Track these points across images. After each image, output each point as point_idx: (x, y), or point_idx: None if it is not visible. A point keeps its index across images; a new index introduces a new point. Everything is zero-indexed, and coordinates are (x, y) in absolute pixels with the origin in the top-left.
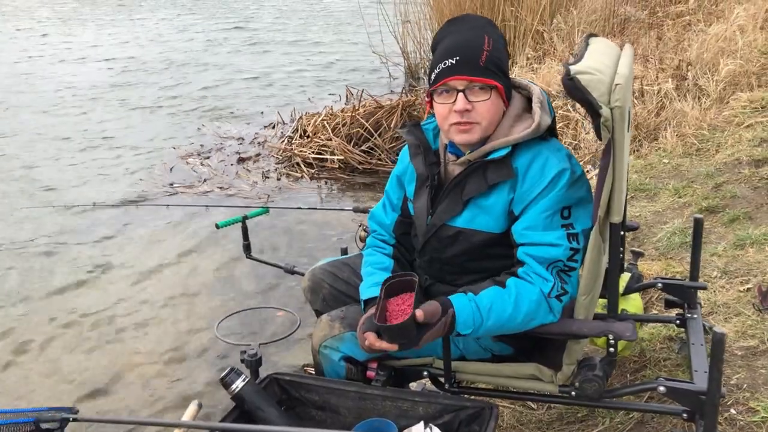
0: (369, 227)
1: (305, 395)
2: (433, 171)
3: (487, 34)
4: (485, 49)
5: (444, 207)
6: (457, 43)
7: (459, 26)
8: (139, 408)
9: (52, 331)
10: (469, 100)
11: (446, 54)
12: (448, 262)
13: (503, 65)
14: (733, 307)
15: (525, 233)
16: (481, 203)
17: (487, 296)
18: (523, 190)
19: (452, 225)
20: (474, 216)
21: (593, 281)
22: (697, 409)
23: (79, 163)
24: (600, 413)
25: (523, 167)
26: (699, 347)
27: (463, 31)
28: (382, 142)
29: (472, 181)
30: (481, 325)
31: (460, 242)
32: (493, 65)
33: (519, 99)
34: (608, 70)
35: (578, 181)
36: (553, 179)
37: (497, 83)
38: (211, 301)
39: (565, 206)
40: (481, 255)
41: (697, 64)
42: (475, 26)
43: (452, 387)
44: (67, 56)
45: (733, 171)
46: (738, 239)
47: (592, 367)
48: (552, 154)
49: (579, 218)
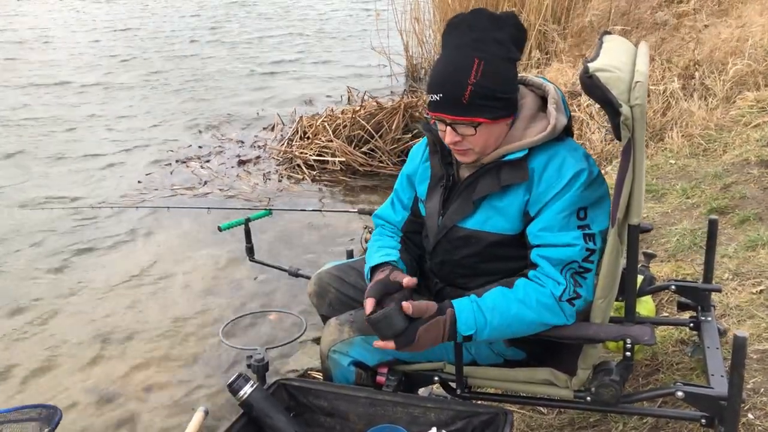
0: (374, 225)
1: (314, 401)
2: (449, 171)
3: (479, 54)
4: (469, 83)
5: (455, 208)
6: (441, 74)
7: (451, 40)
8: (143, 414)
9: (52, 335)
10: (458, 132)
11: (432, 86)
12: (460, 264)
13: (496, 91)
14: (746, 310)
15: (540, 234)
16: (495, 204)
17: (491, 296)
18: (539, 191)
19: (463, 227)
20: (487, 218)
21: (610, 284)
22: (717, 414)
23: (77, 165)
24: (613, 418)
25: (540, 168)
26: (714, 351)
27: (451, 54)
28: (383, 144)
29: (483, 181)
30: (485, 326)
31: (472, 244)
32: (480, 98)
33: (533, 99)
34: (626, 67)
35: (595, 182)
36: (571, 180)
37: (483, 119)
38: (215, 304)
39: (581, 207)
40: (493, 257)
41: (704, 63)
42: (465, 41)
43: (464, 392)
44: (67, 56)
45: (742, 171)
46: (749, 241)
47: (608, 371)
48: (569, 154)
49: (596, 219)
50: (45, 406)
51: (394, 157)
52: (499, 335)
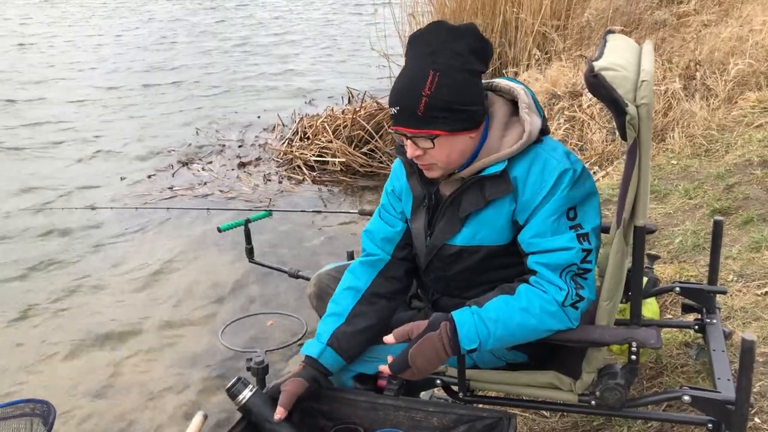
0: (361, 245)
1: (314, 405)
2: (430, 190)
3: (434, 66)
4: (424, 95)
5: (442, 227)
6: (398, 87)
7: (411, 54)
8: (141, 418)
9: (51, 336)
10: (419, 146)
11: (391, 100)
12: (455, 279)
13: (452, 103)
14: (751, 312)
15: (533, 242)
16: (480, 218)
17: (493, 307)
18: (525, 199)
19: (453, 244)
20: (475, 232)
21: (616, 286)
22: (724, 419)
23: (78, 166)
24: (617, 422)
25: (522, 176)
26: (720, 354)
27: (409, 67)
28: (383, 145)
29: (468, 197)
30: (488, 337)
31: (464, 260)
32: (435, 110)
33: (503, 105)
34: (632, 66)
35: (580, 179)
36: (555, 182)
37: (440, 132)
38: (214, 306)
39: (570, 207)
40: (487, 268)
41: (705, 63)
42: (422, 54)
43: (466, 396)
44: (67, 58)
45: (745, 172)
46: (753, 242)
47: (613, 375)
48: (549, 155)
49: (586, 217)
50: (36, 401)
51: (394, 158)
52: (503, 345)
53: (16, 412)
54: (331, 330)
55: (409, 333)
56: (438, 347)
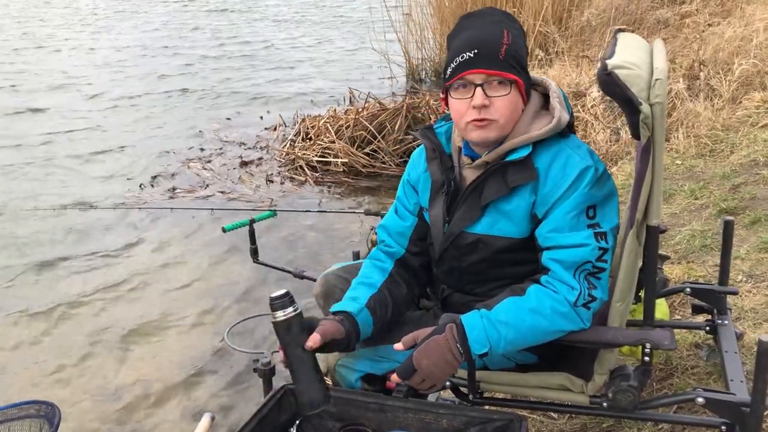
0: (378, 238)
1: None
2: (449, 176)
3: (507, 27)
4: (504, 43)
5: (461, 213)
6: (475, 36)
7: (476, 20)
8: (146, 419)
9: (55, 338)
10: (488, 95)
11: (464, 47)
12: (468, 271)
13: (522, 60)
14: (762, 312)
15: (550, 236)
16: (501, 208)
17: (502, 309)
18: (545, 192)
19: (471, 232)
20: (494, 222)
21: (629, 287)
22: (739, 421)
23: (79, 167)
24: (627, 424)
25: (544, 167)
26: (733, 355)
27: (482, 25)
28: (386, 145)
29: (491, 184)
30: (499, 340)
31: (480, 250)
32: (512, 59)
33: (536, 96)
34: (645, 65)
35: (602, 178)
36: (577, 178)
37: (517, 78)
38: (219, 307)
39: (590, 205)
40: (502, 262)
41: (709, 63)
42: (493, 20)
43: (476, 398)
44: (69, 59)
45: (750, 172)
46: (762, 242)
47: (626, 377)
48: (573, 151)
49: (605, 216)
50: (41, 402)
51: (397, 158)
52: (515, 347)
53: (21, 414)
54: (367, 295)
55: (415, 338)
56: (443, 348)
